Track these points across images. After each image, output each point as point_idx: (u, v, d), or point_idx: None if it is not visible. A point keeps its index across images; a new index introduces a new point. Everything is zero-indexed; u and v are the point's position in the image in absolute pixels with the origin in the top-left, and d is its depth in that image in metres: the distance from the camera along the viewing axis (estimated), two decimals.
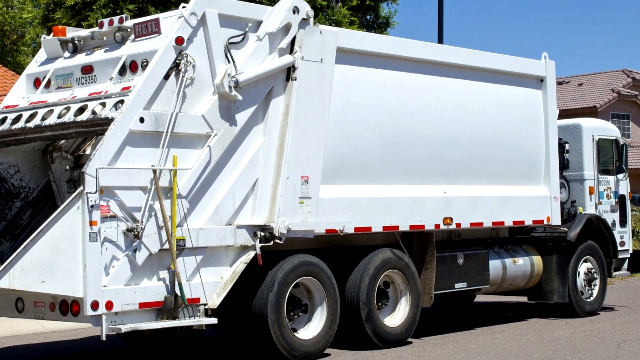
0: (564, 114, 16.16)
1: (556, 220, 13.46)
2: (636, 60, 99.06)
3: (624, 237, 15.01)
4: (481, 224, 12.29)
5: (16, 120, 9.90)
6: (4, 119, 10.04)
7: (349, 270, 10.76)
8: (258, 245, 9.68)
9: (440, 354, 10.63)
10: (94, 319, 8.56)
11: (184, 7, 9.37)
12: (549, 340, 11.63)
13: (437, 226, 11.61)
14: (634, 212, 18.65)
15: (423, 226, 11.43)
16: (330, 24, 22.50)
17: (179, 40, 9.22)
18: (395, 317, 11.20)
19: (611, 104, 39.37)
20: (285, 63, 10.04)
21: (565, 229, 13.74)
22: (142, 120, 8.88)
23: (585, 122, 14.91)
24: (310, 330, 10.23)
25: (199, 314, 9.22)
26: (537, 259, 13.48)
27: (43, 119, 9.62)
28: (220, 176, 9.56)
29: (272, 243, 9.77)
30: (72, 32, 10.36)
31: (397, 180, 11.24)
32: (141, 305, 8.82)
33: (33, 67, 10.57)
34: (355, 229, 10.63)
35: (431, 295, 11.51)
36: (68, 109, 9.45)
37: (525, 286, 13.51)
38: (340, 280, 10.60)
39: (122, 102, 8.96)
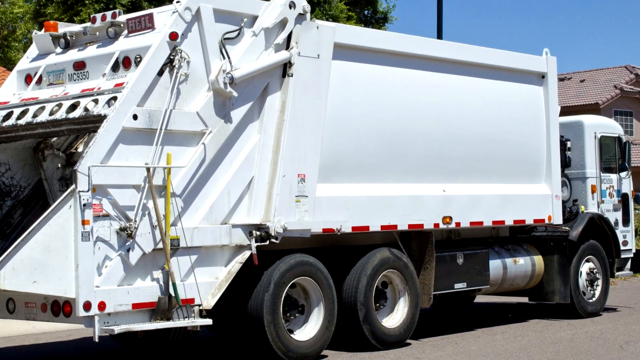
0: (565, 110, 16.06)
1: (558, 219, 13.34)
2: (639, 56, 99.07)
3: (626, 237, 14.88)
4: (481, 223, 12.16)
5: (7, 117, 9.79)
6: None
7: (347, 270, 10.63)
8: (254, 244, 9.57)
9: (440, 356, 10.51)
10: (87, 319, 8.45)
11: (178, 2, 9.24)
12: (550, 342, 11.51)
13: (436, 225, 11.48)
14: (637, 211, 18.51)
15: (422, 225, 11.30)
16: (327, 19, 22.43)
17: (173, 36, 9.09)
18: (394, 318, 11.06)
19: (614, 101, 39.18)
20: (281, 59, 9.91)
21: (566, 228, 13.61)
22: (135, 117, 8.76)
23: (588, 119, 14.78)
24: (307, 331, 10.10)
25: (193, 314, 9.11)
26: (538, 259, 13.35)
27: (34, 116, 9.52)
28: (215, 174, 9.44)
29: (268, 242, 9.66)
30: (64, 28, 10.25)
31: (396, 178, 11.12)
32: (134, 305, 8.71)
33: (24, 63, 10.46)
34: (353, 228, 10.50)
35: (430, 296, 11.38)
36: (60, 105, 9.34)
37: (526, 286, 13.38)
38: (338, 280, 10.46)
39: (115, 98, 8.84)
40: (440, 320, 13.92)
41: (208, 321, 9.17)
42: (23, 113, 9.68)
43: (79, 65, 9.73)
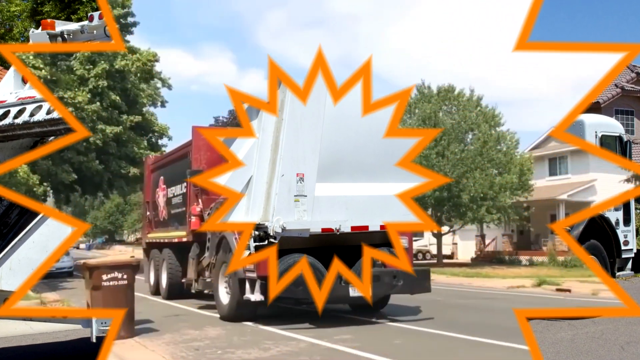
0: None
1: None
2: None
3: (627, 236, 14.82)
4: None
5: (4, 116, 9.70)
6: None
7: None
8: (252, 244, 9.50)
9: None
10: (84, 320, 8.42)
11: None
12: (550, 342, 11.40)
13: None
14: (638, 211, 18.41)
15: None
16: None
17: None
18: None
19: (615, 100, 39.08)
20: None
21: (567, 227, 13.54)
22: None
23: (588, 118, 14.74)
24: None
25: None
26: None
27: (31, 115, 9.45)
28: None
29: (266, 242, 9.57)
30: (61, 26, 10.18)
31: (395, 178, 11.01)
32: None
33: None
34: (352, 228, 10.42)
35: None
36: None
37: None
38: None
39: None
40: None
41: None
42: (20, 112, 9.60)
43: None
